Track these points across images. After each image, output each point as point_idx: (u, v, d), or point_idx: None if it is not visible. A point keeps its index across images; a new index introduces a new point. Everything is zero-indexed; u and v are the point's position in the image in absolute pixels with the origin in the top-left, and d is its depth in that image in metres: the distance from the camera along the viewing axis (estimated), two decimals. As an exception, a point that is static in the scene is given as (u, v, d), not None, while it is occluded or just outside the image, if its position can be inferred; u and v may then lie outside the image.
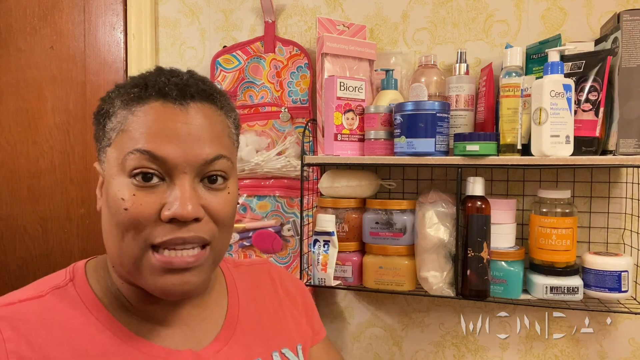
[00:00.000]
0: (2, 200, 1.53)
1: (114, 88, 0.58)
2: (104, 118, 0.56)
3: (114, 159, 0.54)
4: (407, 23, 1.20)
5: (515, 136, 0.96)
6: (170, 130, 0.53)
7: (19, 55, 1.50)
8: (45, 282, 0.58)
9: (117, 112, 0.55)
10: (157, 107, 0.53)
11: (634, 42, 0.91)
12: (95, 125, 0.58)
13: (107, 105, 0.56)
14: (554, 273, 0.99)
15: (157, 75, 0.56)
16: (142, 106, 0.54)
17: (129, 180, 0.52)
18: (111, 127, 0.55)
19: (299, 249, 1.17)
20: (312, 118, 1.22)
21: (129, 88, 0.55)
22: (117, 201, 0.52)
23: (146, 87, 0.54)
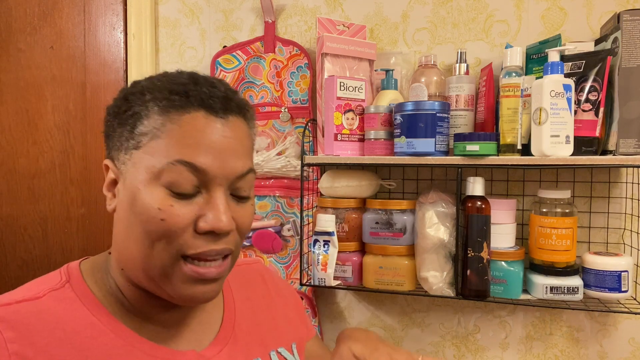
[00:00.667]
0: (2, 200, 1.53)
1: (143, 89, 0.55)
2: (132, 119, 0.54)
3: (144, 164, 0.52)
4: (407, 23, 1.20)
5: (515, 136, 0.96)
6: (212, 142, 0.52)
7: (19, 55, 1.50)
8: (39, 284, 0.57)
9: (152, 116, 0.53)
10: (200, 117, 0.53)
11: (634, 42, 0.91)
12: (117, 123, 0.55)
13: (137, 107, 0.54)
14: (554, 273, 0.99)
15: (194, 84, 0.54)
16: (183, 115, 0.52)
17: (165, 190, 0.52)
18: (143, 131, 0.53)
19: (299, 249, 1.17)
20: (312, 118, 1.22)
21: (166, 94, 0.53)
22: (152, 210, 0.51)
23: (187, 95, 0.53)
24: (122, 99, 0.56)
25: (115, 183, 0.57)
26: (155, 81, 0.56)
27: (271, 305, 0.74)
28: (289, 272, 1.25)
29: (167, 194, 0.52)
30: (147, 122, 0.53)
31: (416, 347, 1.23)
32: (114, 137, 0.56)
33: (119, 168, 0.55)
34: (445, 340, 1.21)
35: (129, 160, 0.54)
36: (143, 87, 0.55)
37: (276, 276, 0.82)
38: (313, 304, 1.24)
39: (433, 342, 1.22)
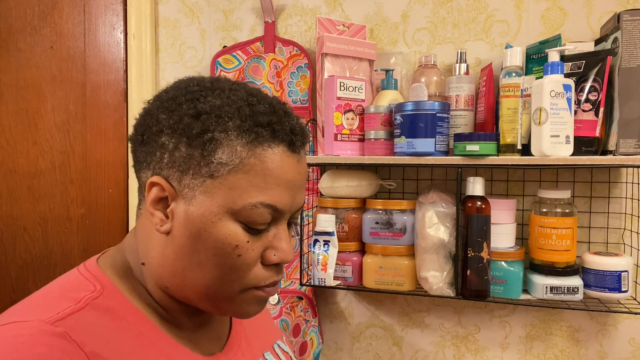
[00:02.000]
0: (2, 200, 1.53)
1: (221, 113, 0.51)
2: (210, 144, 0.50)
3: (221, 198, 0.50)
4: (407, 23, 1.20)
5: (515, 136, 0.96)
6: (290, 182, 0.53)
7: (19, 55, 1.50)
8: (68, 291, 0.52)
9: (234, 146, 0.50)
10: (281, 154, 0.52)
11: (634, 42, 0.91)
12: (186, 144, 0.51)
13: (217, 133, 0.50)
14: (554, 273, 0.99)
15: (276, 115, 0.52)
16: (266, 151, 0.51)
17: (241, 226, 0.51)
18: (222, 161, 0.50)
19: (299, 249, 1.17)
20: (312, 118, 1.22)
21: (252, 125, 0.50)
22: (229, 246, 0.51)
23: (274, 130, 0.51)
24: (192, 116, 0.51)
25: (164, 201, 0.53)
26: (229, 101, 0.52)
27: None
28: (289, 272, 1.25)
29: (243, 230, 0.51)
30: (228, 151, 0.50)
31: (416, 347, 1.23)
32: (174, 154, 0.51)
33: (179, 190, 0.52)
34: (445, 340, 1.21)
35: (199, 187, 0.51)
36: (219, 108, 0.51)
37: None
38: (313, 304, 1.24)
39: (433, 342, 1.22)
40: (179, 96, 0.53)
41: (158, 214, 0.53)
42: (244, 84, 0.56)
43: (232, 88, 0.53)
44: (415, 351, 1.23)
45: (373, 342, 1.26)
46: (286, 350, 0.72)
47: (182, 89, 0.54)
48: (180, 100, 0.52)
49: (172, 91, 0.54)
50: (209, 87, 0.53)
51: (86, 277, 0.54)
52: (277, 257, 0.53)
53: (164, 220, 0.53)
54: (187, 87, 0.54)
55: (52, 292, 0.52)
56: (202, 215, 0.51)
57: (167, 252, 0.53)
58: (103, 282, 0.54)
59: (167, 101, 0.53)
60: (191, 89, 0.53)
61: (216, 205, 0.50)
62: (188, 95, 0.52)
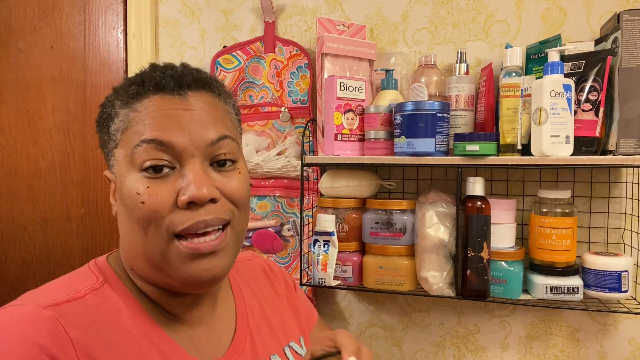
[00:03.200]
0: (2, 200, 1.53)
1: (112, 92, 0.58)
2: (107, 122, 0.57)
3: (122, 157, 0.54)
4: (407, 23, 1.20)
5: (515, 136, 0.96)
6: (173, 118, 0.53)
7: (19, 55, 1.50)
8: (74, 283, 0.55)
9: (119, 112, 0.55)
10: (157, 99, 0.54)
11: (634, 42, 0.91)
12: (100, 131, 0.58)
13: (107, 109, 0.57)
14: (554, 273, 0.99)
15: (152, 71, 0.57)
16: (142, 101, 0.54)
17: (141, 175, 0.53)
18: (115, 129, 0.55)
19: (299, 249, 1.17)
20: (312, 118, 1.22)
21: (126, 87, 0.56)
22: (132, 197, 0.52)
23: (143, 83, 0.55)
24: (99, 107, 0.59)
25: (115, 188, 0.58)
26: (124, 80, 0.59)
27: (276, 300, 0.74)
28: (289, 272, 1.25)
29: (143, 177, 0.53)
30: (116, 119, 0.55)
31: (416, 347, 1.23)
32: (103, 145, 0.59)
33: (113, 172, 0.57)
34: (445, 340, 1.21)
35: (114, 161, 0.56)
36: (113, 89, 0.58)
37: (276, 267, 0.82)
38: (313, 304, 1.24)
39: (433, 342, 1.22)
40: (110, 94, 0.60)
41: (112, 202, 0.59)
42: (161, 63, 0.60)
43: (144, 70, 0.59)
44: (415, 351, 1.23)
45: (373, 342, 1.26)
46: (300, 353, 0.70)
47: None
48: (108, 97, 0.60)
49: None
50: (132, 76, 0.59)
51: (92, 270, 0.58)
52: (185, 196, 0.52)
53: (113, 204, 0.58)
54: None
55: (59, 282, 0.56)
56: (119, 181, 0.55)
57: (121, 232, 0.57)
58: (106, 275, 0.57)
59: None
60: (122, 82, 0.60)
61: (121, 166, 0.55)
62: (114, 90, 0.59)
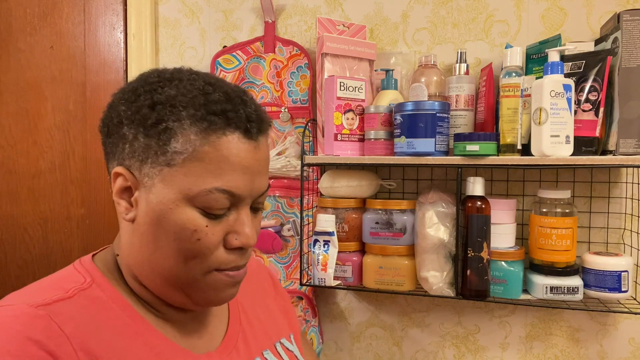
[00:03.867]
0: (2, 200, 1.53)
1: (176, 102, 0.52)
2: (165, 134, 0.52)
3: (178, 185, 0.52)
4: (407, 23, 1.20)
5: (515, 136, 0.96)
6: (247, 168, 0.54)
7: (19, 55, 1.50)
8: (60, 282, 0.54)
9: (188, 135, 0.51)
10: (236, 141, 0.53)
11: (634, 42, 0.91)
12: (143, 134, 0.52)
13: (171, 122, 0.51)
14: (554, 273, 0.99)
15: (230, 103, 0.53)
16: (220, 138, 0.52)
17: (198, 211, 0.53)
18: (177, 149, 0.51)
19: (299, 249, 1.17)
20: (312, 118, 1.22)
21: (204, 113, 0.51)
22: (187, 231, 0.52)
23: (227, 117, 0.52)
24: (148, 107, 0.52)
25: (128, 191, 0.55)
26: (184, 91, 0.53)
27: (266, 298, 0.75)
28: (289, 272, 1.25)
29: (201, 215, 0.53)
30: (182, 140, 0.51)
31: (416, 347, 1.23)
32: (133, 145, 0.53)
33: (140, 179, 0.54)
34: (445, 340, 1.21)
35: (157, 176, 0.53)
36: (174, 98, 0.52)
37: (265, 268, 0.83)
38: (313, 304, 1.24)
39: (433, 342, 1.22)
40: (138, 88, 0.54)
41: (123, 203, 0.56)
42: (206, 74, 0.57)
43: (190, 78, 0.55)
44: (415, 351, 1.23)
45: (373, 342, 1.26)
46: (291, 349, 0.72)
47: (142, 81, 0.55)
48: (139, 92, 0.54)
49: (134, 83, 0.56)
50: (168, 77, 0.55)
51: (78, 270, 0.57)
52: (238, 241, 0.55)
53: (128, 208, 0.55)
54: (147, 78, 0.55)
55: (44, 283, 0.55)
56: (161, 203, 0.52)
57: (134, 240, 0.55)
58: (93, 275, 0.56)
59: (127, 92, 0.55)
60: (150, 80, 0.55)
61: (173, 193, 0.52)
62: (146, 87, 0.54)
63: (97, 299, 0.54)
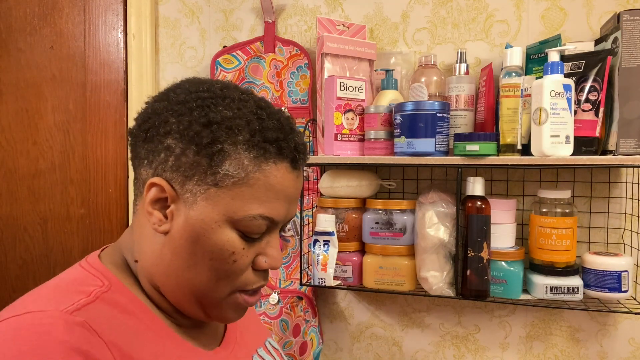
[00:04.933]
0: (2, 200, 1.53)
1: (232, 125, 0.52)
2: (218, 155, 0.51)
3: (223, 207, 0.52)
4: (407, 23, 1.20)
5: (515, 136, 0.96)
6: (289, 197, 0.56)
7: (19, 55, 1.50)
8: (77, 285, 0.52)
9: (242, 160, 0.52)
10: (284, 170, 0.54)
11: (634, 42, 0.91)
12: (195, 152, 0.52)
13: (227, 145, 0.51)
14: (554, 273, 0.99)
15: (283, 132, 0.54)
16: (270, 166, 0.53)
17: (238, 233, 0.53)
18: (227, 172, 0.52)
19: (299, 249, 1.17)
20: (312, 118, 1.22)
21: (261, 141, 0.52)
22: (225, 253, 0.53)
23: (280, 147, 0.53)
24: (203, 125, 0.52)
25: (162, 202, 0.54)
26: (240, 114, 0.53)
27: None
28: (289, 272, 1.25)
29: (239, 237, 0.54)
30: (235, 164, 0.52)
31: (416, 347, 1.23)
32: (180, 159, 0.52)
33: (181, 194, 0.53)
34: (445, 340, 1.21)
35: (202, 194, 0.52)
36: (230, 120, 0.52)
37: None
38: (313, 304, 1.24)
39: (433, 342, 1.22)
40: (190, 101, 0.53)
41: (157, 214, 0.54)
42: (252, 94, 0.57)
43: (241, 98, 0.55)
44: (415, 351, 1.23)
45: (373, 342, 1.26)
46: (276, 347, 0.75)
47: (193, 94, 0.54)
48: (191, 106, 0.53)
49: (182, 94, 0.54)
50: (219, 94, 0.54)
51: (91, 272, 0.55)
52: (267, 264, 0.56)
53: (162, 220, 0.54)
54: (198, 91, 0.54)
55: (60, 286, 0.52)
56: (203, 221, 0.52)
57: (164, 251, 0.54)
58: (109, 278, 0.55)
59: (176, 104, 0.54)
60: (202, 95, 0.54)
61: (217, 213, 0.52)
62: (199, 102, 0.53)
63: (119, 304, 0.53)
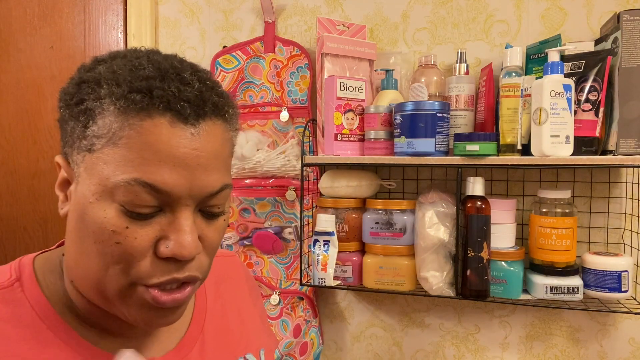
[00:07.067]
0: (2, 200, 1.53)
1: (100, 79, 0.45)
2: (85, 115, 0.44)
3: (97, 174, 0.44)
4: (407, 23, 1.20)
5: (515, 136, 0.96)
6: (178, 157, 0.44)
7: (19, 55, 1.50)
8: None
9: (108, 116, 0.43)
10: (164, 125, 0.43)
11: (634, 42, 0.91)
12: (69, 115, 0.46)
13: (91, 102, 0.44)
14: (554, 273, 0.99)
15: (162, 80, 0.44)
16: (144, 120, 0.43)
17: (119, 208, 0.43)
18: (96, 133, 0.44)
19: (299, 249, 1.17)
20: (312, 118, 1.22)
21: (125, 90, 0.43)
22: (105, 231, 0.44)
23: (151, 96, 0.43)
24: (75, 84, 0.46)
25: (68, 183, 0.48)
26: (116, 67, 0.45)
27: (242, 307, 0.67)
28: (289, 273, 1.25)
29: (122, 212, 0.44)
30: (101, 122, 0.43)
31: (416, 347, 1.23)
32: (66, 130, 0.47)
33: (73, 168, 0.47)
34: (445, 340, 1.21)
35: (82, 163, 0.45)
36: (100, 74, 0.45)
37: (249, 275, 0.75)
38: (313, 304, 1.24)
39: (433, 342, 1.22)
40: (82, 66, 0.48)
41: (61, 196, 0.49)
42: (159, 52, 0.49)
43: (135, 56, 0.47)
44: (415, 351, 1.23)
45: (373, 342, 1.26)
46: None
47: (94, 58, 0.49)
48: (78, 69, 0.48)
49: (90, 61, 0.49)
50: (112, 55, 0.48)
51: (11, 267, 0.51)
52: (168, 250, 0.44)
53: (63, 201, 0.48)
54: (98, 55, 0.49)
55: None
56: (84, 196, 0.45)
57: (67, 240, 0.49)
58: (22, 273, 0.50)
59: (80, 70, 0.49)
60: (99, 57, 0.48)
61: (94, 184, 0.44)
62: (88, 64, 0.48)
63: (14, 301, 0.48)
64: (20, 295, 0.48)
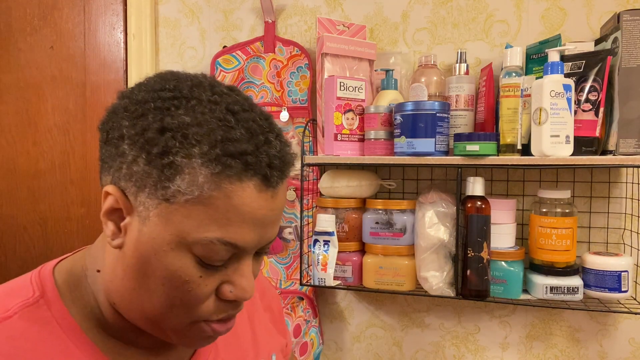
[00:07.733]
0: (2, 200, 1.53)
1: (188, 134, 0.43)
2: (170, 169, 0.43)
3: (175, 225, 0.44)
4: (407, 23, 1.20)
5: (515, 136, 0.96)
6: (258, 219, 0.46)
7: (19, 55, 1.50)
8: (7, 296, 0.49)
9: (196, 176, 0.43)
10: (251, 189, 0.44)
11: (634, 42, 0.91)
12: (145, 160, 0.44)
13: (179, 157, 0.43)
14: (554, 273, 0.99)
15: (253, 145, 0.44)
16: (234, 185, 0.43)
17: (195, 259, 0.45)
18: (180, 188, 0.43)
19: (299, 249, 1.17)
20: (312, 118, 1.22)
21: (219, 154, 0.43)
22: (178, 279, 0.45)
23: (246, 163, 0.44)
24: (156, 131, 0.44)
25: (118, 213, 0.48)
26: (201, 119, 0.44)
27: (253, 314, 0.68)
28: (289, 273, 1.25)
29: (196, 263, 0.45)
30: (189, 180, 0.43)
31: (416, 347, 1.23)
32: (132, 167, 0.45)
33: (135, 206, 0.46)
34: (445, 340, 1.21)
35: (154, 209, 0.45)
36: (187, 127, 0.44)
37: (261, 277, 0.76)
38: (313, 304, 1.24)
39: (433, 342, 1.22)
40: (149, 101, 0.46)
41: (110, 226, 0.48)
42: (229, 95, 0.48)
43: (211, 100, 0.46)
44: (415, 351, 1.23)
45: (373, 342, 1.26)
46: None
47: (154, 92, 0.46)
48: (149, 107, 0.45)
49: (143, 92, 0.47)
50: (185, 95, 0.46)
51: (32, 281, 0.51)
52: (232, 294, 0.47)
53: (116, 233, 0.48)
54: (161, 90, 0.47)
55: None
56: (154, 240, 0.45)
57: (117, 268, 0.48)
58: (45, 289, 0.50)
59: (135, 104, 0.46)
60: (164, 94, 0.46)
61: (169, 233, 0.44)
62: (158, 103, 0.45)
63: (40, 320, 0.48)
64: (46, 314, 0.49)
